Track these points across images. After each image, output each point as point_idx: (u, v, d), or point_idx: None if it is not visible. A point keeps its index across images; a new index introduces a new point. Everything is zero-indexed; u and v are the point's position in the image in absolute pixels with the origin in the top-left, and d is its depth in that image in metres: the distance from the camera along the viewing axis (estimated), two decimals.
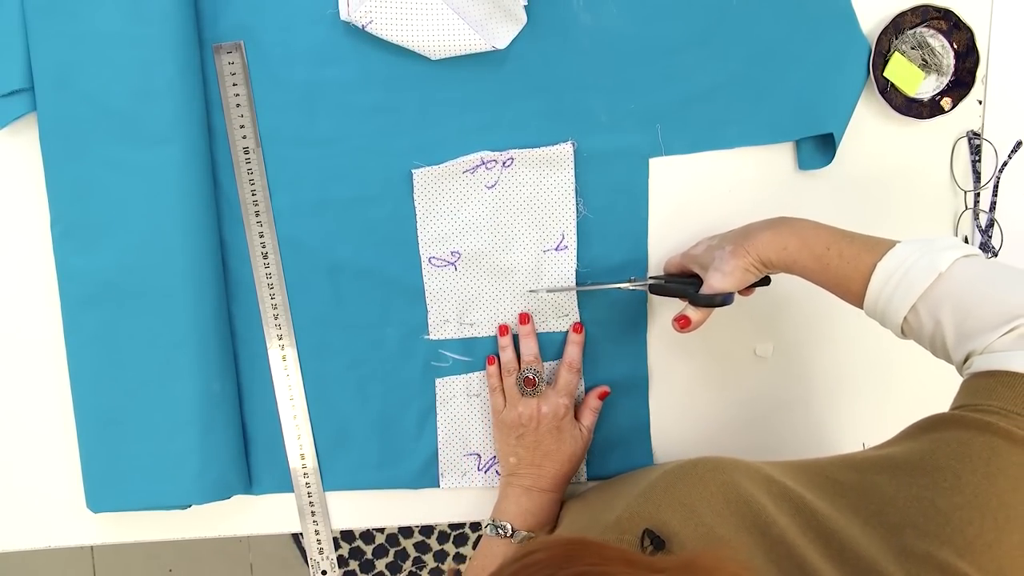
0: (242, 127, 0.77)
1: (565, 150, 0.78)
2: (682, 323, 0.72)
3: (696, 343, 0.83)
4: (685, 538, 0.53)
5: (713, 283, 0.70)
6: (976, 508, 0.47)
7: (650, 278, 0.78)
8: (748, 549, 0.51)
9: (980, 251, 0.61)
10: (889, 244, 0.62)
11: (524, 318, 0.79)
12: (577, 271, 0.80)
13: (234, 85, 0.76)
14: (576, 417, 0.79)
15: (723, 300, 0.70)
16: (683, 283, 0.74)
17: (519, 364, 0.79)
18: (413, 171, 0.78)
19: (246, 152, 0.77)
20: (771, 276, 0.73)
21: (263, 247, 0.78)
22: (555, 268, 0.80)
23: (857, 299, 0.63)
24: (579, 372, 0.80)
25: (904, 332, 0.62)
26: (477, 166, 0.78)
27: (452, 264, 0.79)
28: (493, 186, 0.78)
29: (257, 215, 0.78)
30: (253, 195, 0.77)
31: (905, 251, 0.61)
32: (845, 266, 0.63)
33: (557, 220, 0.79)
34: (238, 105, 0.76)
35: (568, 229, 0.79)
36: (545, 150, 0.78)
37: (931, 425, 0.54)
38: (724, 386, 0.84)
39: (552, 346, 0.81)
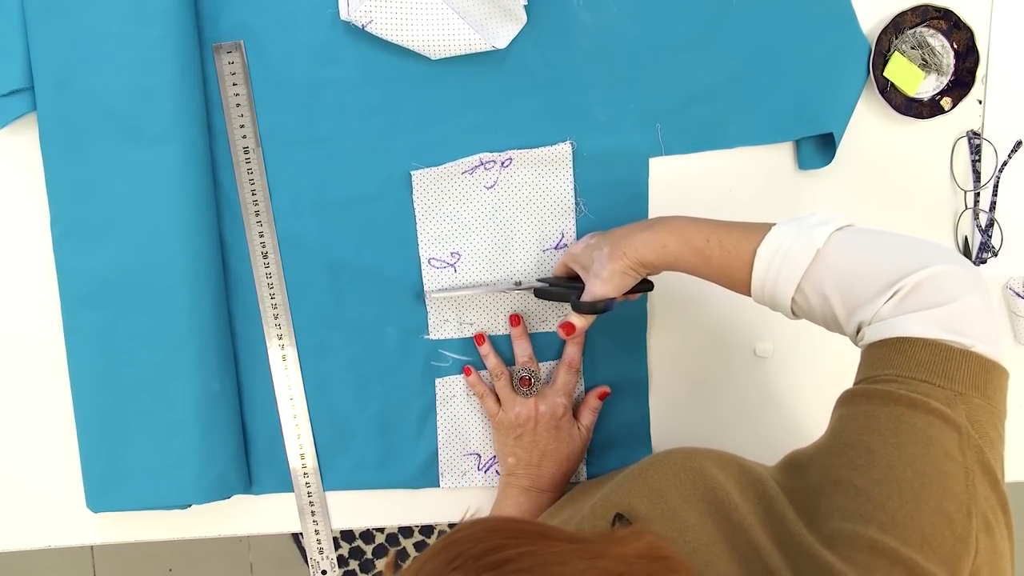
0: (242, 127, 0.77)
1: (564, 150, 0.78)
2: (567, 330, 0.72)
3: (696, 343, 0.83)
4: (651, 522, 0.54)
5: (593, 290, 0.69)
6: (893, 481, 0.48)
7: (537, 280, 0.78)
8: (710, 534, 0.52)
9: (851, 222, 0.60)
10: (766, 228, 0.61)
11: (515, 320, 0.79)
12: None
13: (234, 85, 0.76)
14: (575, 417, 0.79)
15: (604, 307, 0.69)
16: (565, 288, 0.74)
17: (507, 367, 0.79)
18: (412, 172, 0.78)
19: (246, 152, 0.77)
20: (653, 280, 0.72)
21: (263, 247, 0.78)
22: (555, 266, 0.79)
23: (744, 287, 0.63)
24: (578, 372, 0.80)
25: (795, 313, 0.61)
26: (476, 167, 0.78)
27: (452, 265, 0.79)
28: (492, 186, 0.78)
29: (257, 215, 0.78)
30: (253, 195, 0.77)
31: (781, 233, 0.60)
32: (727, 256, 0.62)
33: (556, 219, 0.79)
34: (238, 105, 0.76)
35: (568, 228, 0.79)
36: (544, 150, 0.78)
37: (840, 403, 0.55)
38: (724, 386, 0.84)
39: (551, 346, 0.81)
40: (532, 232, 0.79)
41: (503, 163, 0.78)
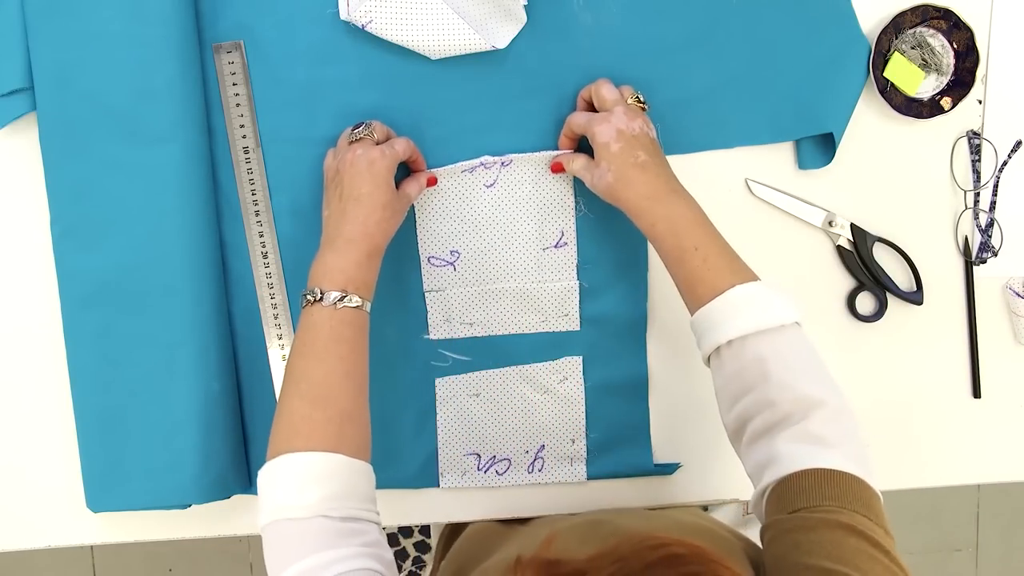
0: (242, 127, 0.77)
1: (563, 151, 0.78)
2: (554, 168, 0.76)
3: (696, 343, 0.83)
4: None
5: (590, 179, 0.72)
6: None
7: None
8: None
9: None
10: (752, 275, 0.65)
11: (432, 180, 0.77)
12: (578, 267, 0.80)
13: (234, 85, 0.76)
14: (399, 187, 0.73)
15: None
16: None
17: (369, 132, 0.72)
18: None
19: (246, 152, 0.77)
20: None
21: (263, 247, 0.78)
22: (556, 265, 0.80)
23: (694, 303, 0.66)
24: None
25: (710, 359, 0.66)
26: (476, 166, 0.78)
27: (451, 264, 0.79)
28: (492, 185, 0.78)
29: (257, 215, 0.78)
30: (253, 195, 0.77)
31: (763, 288, 0.64)
32: (704, 272, 0.65)
33: (556, 218, 0.79)
34: (238, 105, 0.76)
35: (567, 226, 0.79)
36: (545, 154, 0.78)
37: (798, 528, 0.54)
38: None
39: (552, 346, 0.81)
40: (532, 231, 0.79)
41: (503, 162, 0.78)
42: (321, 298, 0.66)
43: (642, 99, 0.74)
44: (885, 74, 0.79)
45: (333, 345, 0.65)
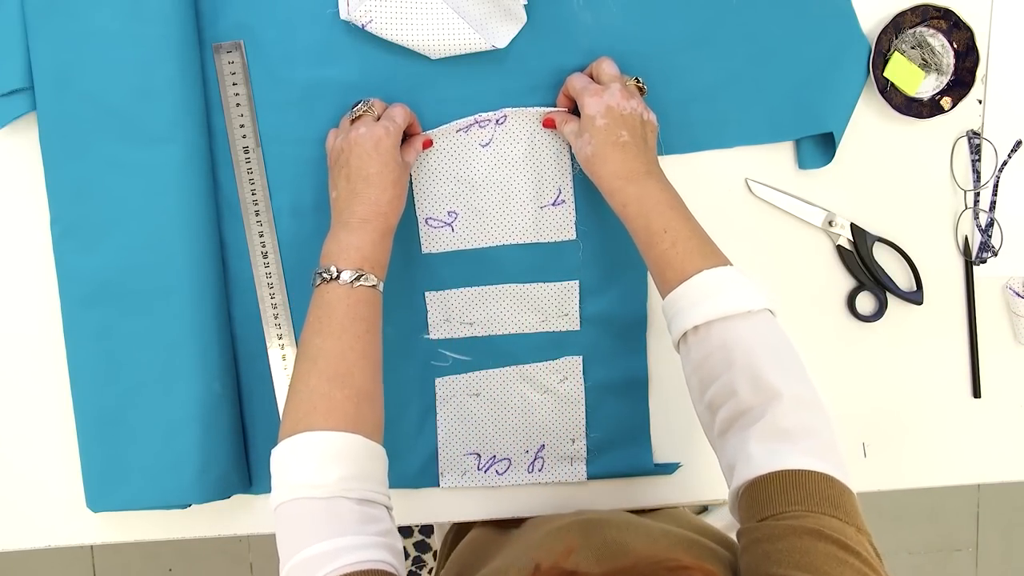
0: (242, 127, 0.77)
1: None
2: (546, 123, 0.76)
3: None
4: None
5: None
6: None
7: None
8: None
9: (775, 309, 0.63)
10: (723, 259, 0.64)
11: (427, 142, 0.76)
12: (576, 225, 0.79)
13: (234, 84, 0.76)
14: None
15: None
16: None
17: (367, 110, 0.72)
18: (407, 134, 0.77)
19: (246, 152, 0.77)
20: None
21: (263, 247, 0.78)
22: (554, 223, 0.79)
23: (666, 286, 0.64)
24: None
25: (679, 345, 0.65)
26: (471, 125, 0.77)
27: (449, 225, 0.79)
28: (487, 144, 0.78)
29: (257, 215, 0.78)
30: (253, 195, 0.77)
31: (732, 273, 0.63)
32: (673, 256, 0.64)
33: (553, 175, 0.79)
34: (238, 104, 0.76)
35: (564, 184, 0.79)
36: (539, 109, 0.77)
37: (768, 538, 0.53)
38: None
39: (552, 346, 0.81)
40: (529, 189, 0.79)
41: (498, 120, 0.77)
42: (338, 276, 0.65)
43: (641, 83, 0.74)
44: (885, 74, 0.79)
45: (350, 323, 0.64)
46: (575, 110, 0.75)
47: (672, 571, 0.46)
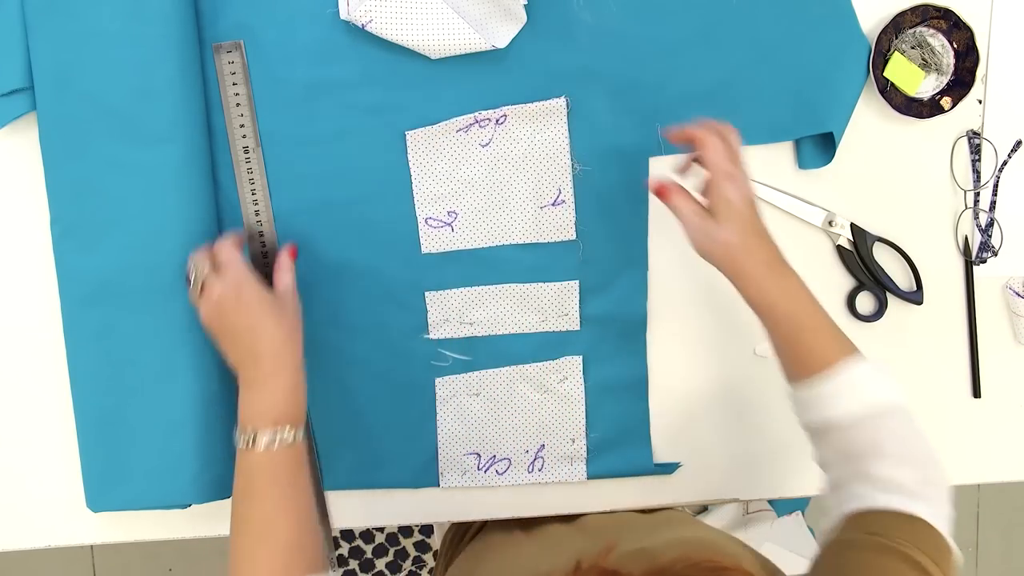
0: (242, 127, 0.77)
1: (558, 104, 0.77)
2: (658, 191, 0.70)
3: (696, 343, 0.83)
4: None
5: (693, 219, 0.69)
6: None
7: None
8: None
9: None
10: (856, 348, 0.66)
11: (292, 252, 0.73)
12: (576, 225, 0.79)
13: (234, 84, 0.76)
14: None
15: None
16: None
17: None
18: (407, 133, 0.77)
19: (246, 152, 0.77)
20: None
21: (263, 247, 0.78)
22: (554, 223, 0.79)
23: (804, 373, 0.66)
24: None
25: (809, 426, 0.67)
26: (471, 124, 0.78)
27: (449, 225, 0.79)
28: (487, 144, 0.78)
29: (257, 215, 0.78)
30: (253, 195, 0.77)
31: (869, 366, 0.65)
32: (814, 344, 0.65)
33: (553, 175, 0.79)
34: (238, 104, 0.76)
35: (564, 184, 0.79)
36: (538, 105, 0.77)
37: (867, 549, 0.58)
38: (724, 386, 0.84)
39: (552, 345, 0.81)
40: (529, 189, 0.79)
41: (498, 120, 0.78)
42: (254, 441, 0.65)
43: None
44: (885, 74, 0.79)
45: (271, 487, 0.65)
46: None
47: (711, 571, 0.47)
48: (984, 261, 0.83)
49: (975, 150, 0.82)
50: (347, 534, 1.66)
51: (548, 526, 0.81)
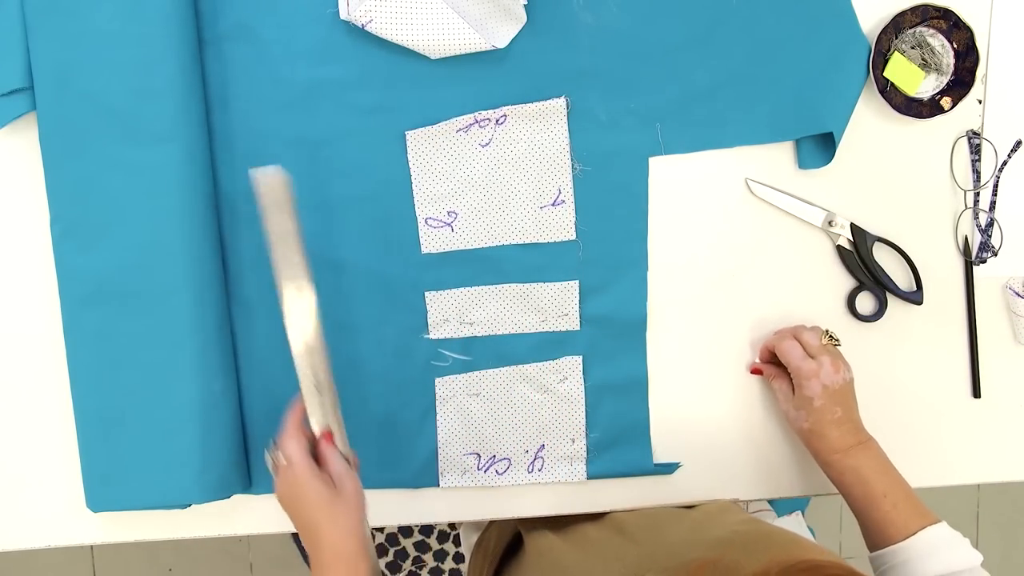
0: (285, 256, 0.69)
1: (558, 105, 0.78)
2: (754, 371, 0.82)
3: (696, 343, 0.83)
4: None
5: (790, 412, 0.78)
6: None
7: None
8: None
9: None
10: (934, 516, 0.72)
11: (327, 437, 0.71)
12: (576, 225, 0.79)
13: (276, 212, 0.69)
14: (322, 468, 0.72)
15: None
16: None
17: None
18: (407, 133, 0.77)
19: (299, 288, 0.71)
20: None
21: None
22: (554, 223, 0.79)
23: (883, 542, 0.72)
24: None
25: None
26: (471, 125, 0.78)
27: (449, 225, 0.79)
28: (487, 144, 0.78)
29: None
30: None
31: (947, 531, 0.71)
32: (896, 516, 0.72)
33: (553, 176, 0.79)
34: (281, 235, 0.69)
35: (564, 184, 0.79)
36: (538, 105, 0.77)
37: None
38: (724, 385, 0.84)
39: (552, 346, 0.81)
40: (529, 189, 0.79)
41: (498, 120, 0.78)
42: None
43: (835, 337, 0.78)
44: (885, 74, 0.79)
45: None
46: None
47: (806, 571, 0.49)
48: (984, 261, 0.83)
49: (975, 150, 0.82)
50: None
51: (580, 527, 0.80)
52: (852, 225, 0.82)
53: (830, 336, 0.78)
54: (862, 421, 0.77)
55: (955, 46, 0.80)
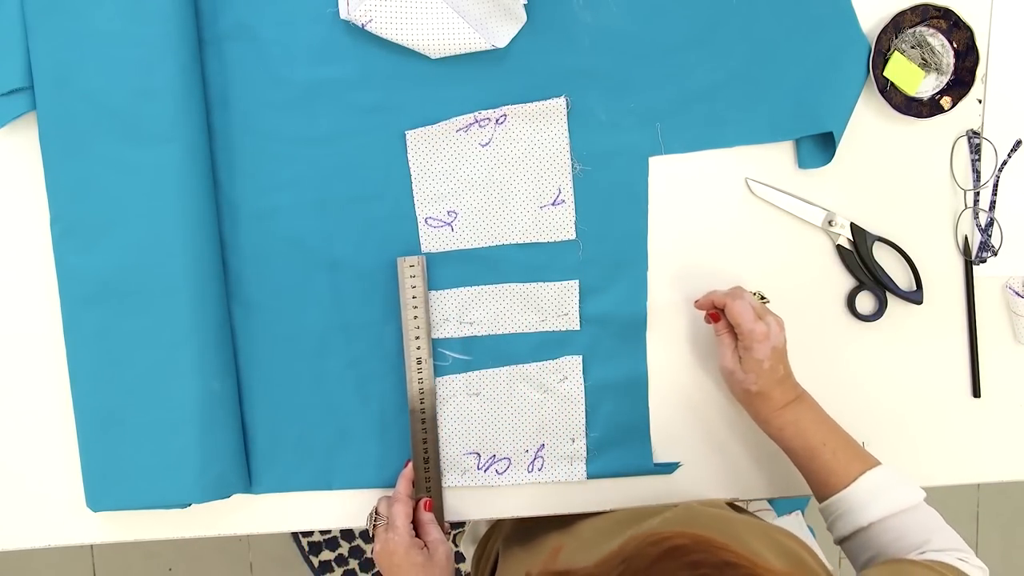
0: (417, 328, 0.78)
1: (558, 104, 0.78)
2: (713, 317, 0.78)
3: (695, 343, 0.83)
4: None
5: (726, 362, 0.77)
6: None
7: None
8: None
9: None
10: (874, 460, 0.73)
11: (427, 504, 0.79)
12: (576, 225, 0.79)
13: (412, 287, 0.77)
14: (421, 536, 0.78)
15: None
16: None
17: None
18: (406, 133, 0.77)
19: (417, 348, 0.78)
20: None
21: (423, 424, 0.80)
22: (554, 223, 0.79)
23: (830, 490, 0.72)
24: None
25: (850, 537, 0.72)
26: (470, 124, 0.78)
27: (449, 224, 0.79)
28: (487, 144, 0.78)
29: (422, 400, 0.79)
30: (420, 384, 0.80)
31: (888, 471, 0.72)
32: (836, 464, 0.73)
33: (552, 175, 0.79)
34: (415, 307, 0.78)
35: (564, 184, 0.79)
36: (538, 104, 0.77)
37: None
38: (724, 385, 0.83)
39: (551, 345, 0.81)
40: (528, 189, 0.79)
41: (498, 119, 0.78)
42: None
43: (765, 296, 0.78)
44: (885, 73, 0.79)
45: None
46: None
47: (655, 544, 0.48)
48: (984, 261, 0.83)
49: (975, 150, 0.82)
50: (347, 534, 1.66)
51: (584, 523, 0.81)
52: (852, 225, 0.82)
53: (761, 296, 0.77)
54: (801, 386, 0.77)
55: (955, 46, 0.80)
